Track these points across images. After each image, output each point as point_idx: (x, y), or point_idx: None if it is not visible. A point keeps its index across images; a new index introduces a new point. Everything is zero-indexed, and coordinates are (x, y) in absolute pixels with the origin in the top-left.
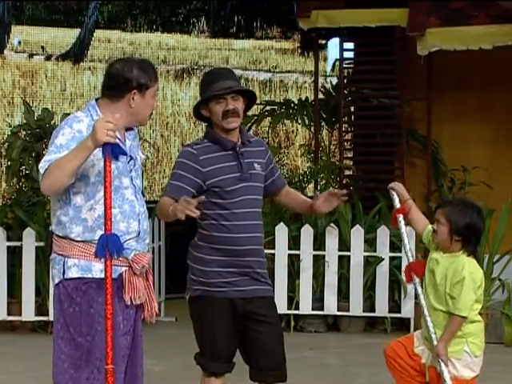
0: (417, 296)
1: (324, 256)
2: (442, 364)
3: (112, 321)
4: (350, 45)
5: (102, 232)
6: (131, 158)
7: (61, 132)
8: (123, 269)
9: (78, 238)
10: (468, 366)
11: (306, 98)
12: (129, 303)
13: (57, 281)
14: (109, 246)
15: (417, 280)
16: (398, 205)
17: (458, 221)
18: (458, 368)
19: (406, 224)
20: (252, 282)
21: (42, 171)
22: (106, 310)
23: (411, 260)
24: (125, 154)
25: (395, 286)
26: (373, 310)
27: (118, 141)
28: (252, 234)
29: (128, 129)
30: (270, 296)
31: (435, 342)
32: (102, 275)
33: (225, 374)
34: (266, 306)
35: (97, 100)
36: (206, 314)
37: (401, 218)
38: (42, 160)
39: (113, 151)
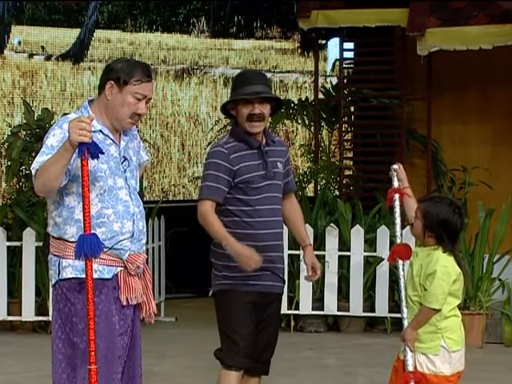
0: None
1: (324, 256)
2: (408, 350)
3: (94, 320)
4: (350, 45)
5: (96, 232)
6: (125, 159)
7: (51, 133)
8: (118, 269)
9: (73, 239)
10: (447, 362)
11: (306, 98)
12: (125, 303)
13: (53, 281)
14: (84, 247)
15: (400, 262)
16: (395, 185)
17: (432, 217)
18: (436, 364)
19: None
20: (272, 277)
21: (33, 172)
22: (87, 310)
23: (399, 241)
24: (102, 152)
25: (395, 286)
26: (373, 310)
27: (109, 140)
28: (273, 230)
29: (124, 131)
30: (281, 293)
31: (405, 326)
32: (96, 276)
33: (242, 371)
34: (277, 303)
35: (91, 101)
36: (228, 307)
37: (396, 197)
38: (34, 161)
39: (89, 150)
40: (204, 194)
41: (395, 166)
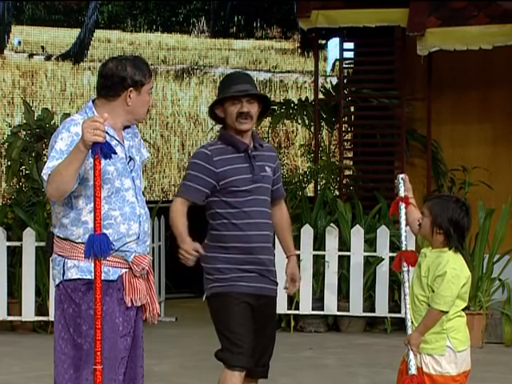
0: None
1: (324, 256)
2: (411, 353)
3: (101, 320)
4: (350, 45)
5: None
6: (131, 159)
7: (59, 136)
8: (123, 270)
9: (79, 240)
10: (453, 362)
11: (306, 98)
12: (129, 305)
13: (57, 281)
14: (94, 247)
15: (405, 268)
16: (402, 193)
17: (441, 214)
18: (442, 364)
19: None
20: (262, 279)
21: (45, 178)
22: (95, 310)
23: (404, 248)
24: (115, 152)
25: (395, 286)
26: (373, 310)
27: (114, 140)
28: (262, 231)
29: (125, 127)
30: (274, 296)
31: (409, 331)
32: (102, 277)
33: (244, 372)
34: (270, 305)
35: (94, 101)
36: (223, 309)
37: (402, 206)
38: (45, 167)
39: (102, 150)
40: (179, 192)
41: (402, 175)
